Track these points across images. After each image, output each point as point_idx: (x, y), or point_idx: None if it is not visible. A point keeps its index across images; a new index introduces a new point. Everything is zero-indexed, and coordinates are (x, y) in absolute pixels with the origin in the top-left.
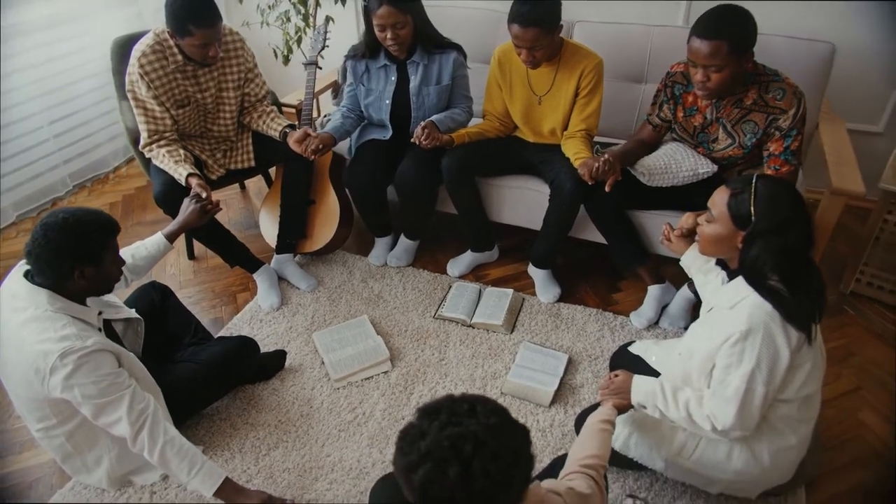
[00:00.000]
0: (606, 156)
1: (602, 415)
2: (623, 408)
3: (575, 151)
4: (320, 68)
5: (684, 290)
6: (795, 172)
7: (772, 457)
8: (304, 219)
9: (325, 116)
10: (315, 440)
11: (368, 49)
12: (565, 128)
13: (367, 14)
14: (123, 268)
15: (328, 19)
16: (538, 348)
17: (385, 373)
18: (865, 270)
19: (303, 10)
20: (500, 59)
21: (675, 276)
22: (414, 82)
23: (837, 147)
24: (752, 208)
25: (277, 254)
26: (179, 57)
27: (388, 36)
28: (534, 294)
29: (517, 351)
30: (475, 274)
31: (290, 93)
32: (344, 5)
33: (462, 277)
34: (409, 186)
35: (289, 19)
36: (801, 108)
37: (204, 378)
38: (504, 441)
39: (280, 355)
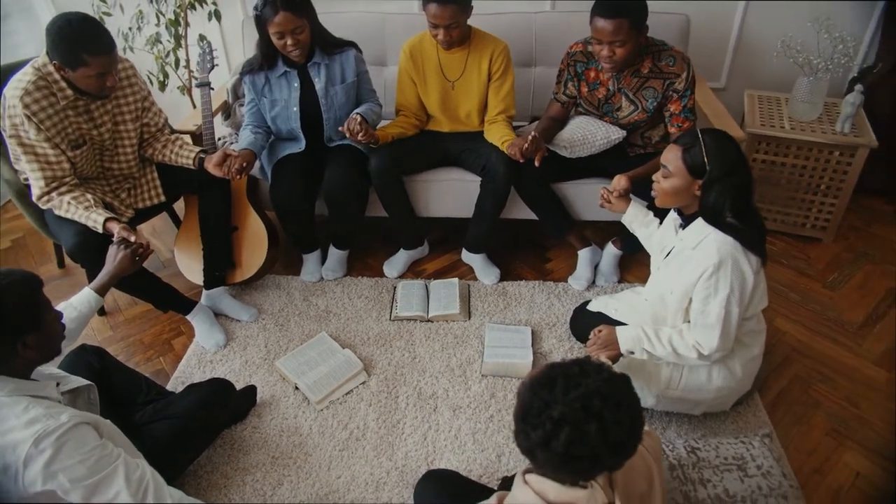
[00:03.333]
0: (533, 134)
1: None
2: (614, 358)
3: (500, 136)
4: (213, 88)
5: (610, 248)
6: (695, 128)
7: (743, 368)
8: (230, 248)
9: (219, 140)
10: (319, 466)
11: (265, 59)
12: (479, 111)
13: (261, 23)
14: None
15: (203, 38)
16: (502, 326)
17: (363, 383)
18: None
19: (173, 31)
20: (411, 53)
21: (593, 238)
22: (319, 84)
23: (709, 102)
24: (705, 158)
25: (207, 289)
26: (69, 91)
27: (289, 42)
28: (475, 279)
29: (483, 333)
30: (412, 271)
31: (173, 120)
32: (220, 21)
33: (401, 277)
34: (341, 194)
35: (159, 41)
36: (690, 70)
37: (187, 432)
38: (620, 390)
39: (250, 391)
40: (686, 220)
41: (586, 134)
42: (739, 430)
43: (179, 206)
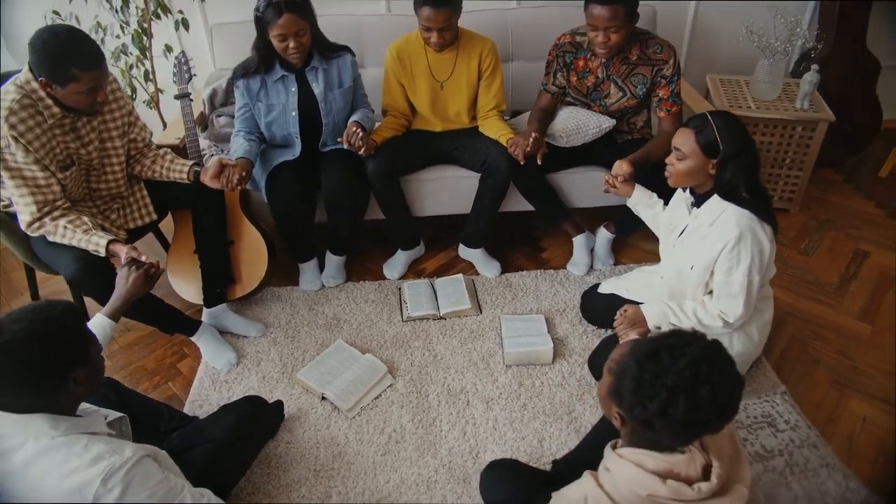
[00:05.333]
0: (535, 135)
1: None
2: (643, 335)
3: (498, 130)
4: (192, 100)
5: (602, 232)
6: (681, 111)
7: (759, 333)
8: (228, 262)
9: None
10: (364, 473)
11: (263, 62)
12: (469, 109)
13: (262, 25)
14: None
15: (169, 48)
16: (515, 317)
17: (390, 386)
18: None
19: (140, 44)
20: (398, 55)
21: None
22: (318, 88)
23: (683, 88)
24: (717, 138)
25: (209, 307)
26: (56, 109)
27: (291, 45)
28: (476, 274)
29: (497, 325)
30: (413, 271)
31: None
32: (188, 30)
33: (402, 278)
34: (342, 198)
35: (125, 53)
36: (676, 57)
37: (228, 454)
38: (720, 354)
39: (277, 406)
40: (699, 199)
41: (579, 123)
42: (754, 392)
43: (163, 225)
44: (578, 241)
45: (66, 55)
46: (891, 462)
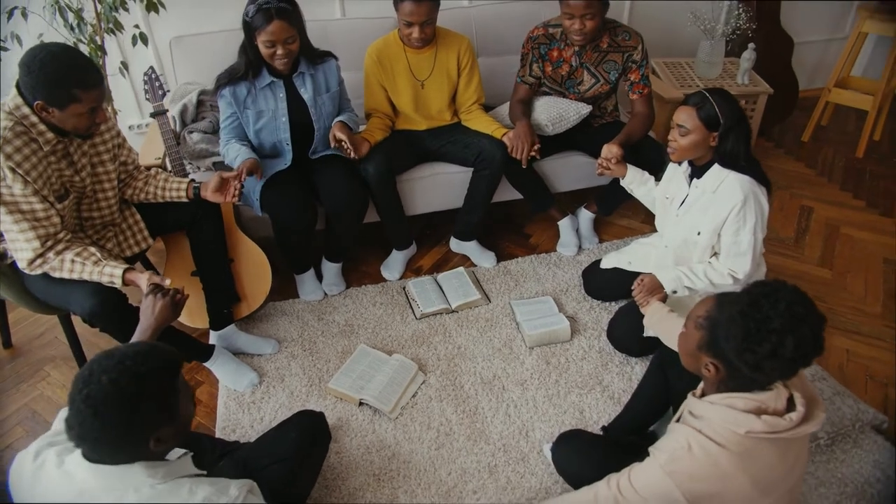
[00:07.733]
0: (537, 146)
1: (659, 309)
2: (662, 299)
3: (487, 125)
4: (168, 116)
5: (585, 213)
6: (651, 92)
7: None
8: (232, 281)
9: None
10: (424, 470)
11: (250, 68)
12: (449, 105)
13: (251, 31)
14: None
15: (125, 66)
16: (525, 301)
17: (424, 382)
18: None
19: (97, 62)
20: (377, 57)
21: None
22: (307, 94)
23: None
24: (718, 112)
25: (217, 330)
26: (50, 135)
27: (279, 52)
28: (473, 266)
29: (510, 311)
30: (410, 270)
31: None
32: (147, 44)
33: (402, 277)
34: (346, 204)
35: None
36: (643, 42)
37: (302, 470)
38: (805, 295)
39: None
40: (698, 170)
41: (560, 111)
42: None
43: (148, 252)
44: (564, 223)
45: (66, 75)
46: (877, 384)
